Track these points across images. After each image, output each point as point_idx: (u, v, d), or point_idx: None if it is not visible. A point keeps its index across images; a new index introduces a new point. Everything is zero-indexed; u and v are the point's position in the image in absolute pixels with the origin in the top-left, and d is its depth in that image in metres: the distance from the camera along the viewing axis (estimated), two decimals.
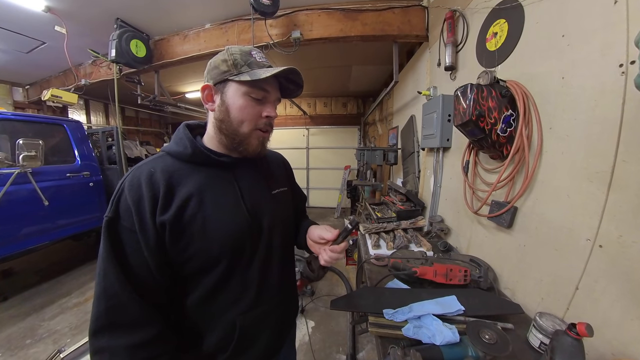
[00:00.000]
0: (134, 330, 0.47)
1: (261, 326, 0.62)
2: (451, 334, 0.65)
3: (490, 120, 0.91)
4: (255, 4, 1.76)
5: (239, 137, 0.55)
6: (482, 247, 1.15)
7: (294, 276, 0.76)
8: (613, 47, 0.63)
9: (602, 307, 0.64)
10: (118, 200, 0.49)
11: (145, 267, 0.48)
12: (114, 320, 0.46)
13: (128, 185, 0.50)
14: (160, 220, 0.49)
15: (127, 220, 0.48)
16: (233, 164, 0.59)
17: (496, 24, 1.08)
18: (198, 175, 0.55)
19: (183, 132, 0.58)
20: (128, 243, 0.48)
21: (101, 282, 0.46)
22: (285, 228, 0.68)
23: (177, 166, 0.54)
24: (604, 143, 0.64)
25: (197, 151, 0.55)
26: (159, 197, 0.49)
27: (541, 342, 0.66)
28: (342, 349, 1.70)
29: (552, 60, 0.80)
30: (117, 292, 0.46)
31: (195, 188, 0.53)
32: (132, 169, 0.53)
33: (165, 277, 0.51)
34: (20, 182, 2.12)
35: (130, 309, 0.46)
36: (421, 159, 2.01)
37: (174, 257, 0.51)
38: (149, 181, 0.50)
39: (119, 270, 0.46)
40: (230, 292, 0.56)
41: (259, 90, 0.54)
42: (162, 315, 0.51)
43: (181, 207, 0.50)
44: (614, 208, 0.62)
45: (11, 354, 1.69)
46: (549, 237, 0.80)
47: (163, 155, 0.57)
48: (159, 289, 0.51)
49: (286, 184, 0.73)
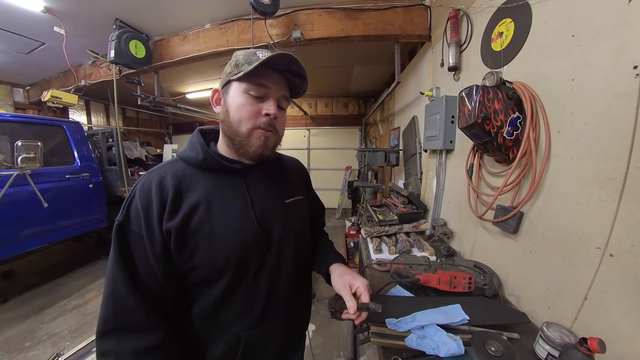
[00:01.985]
0: (141, 335, 0.46)
1: (267, 342, 0.59)
2: (456, 345, 0.63)
3: (496, 123, 0.88)
4: (255, 4, 1.74)
5: (239, 137, 0.53)
6: (486, 252, 1.13)
7: (309, 290, 0.72)
8: (627, 48, 0.60)
9: (613, 319, 0.62)
10: (129, 204, 0.49)
11: (151, 274, 0.47)
12: (121, 324, 0.45)
13: (139, 189, 0.49)
14: (166, 226, 0.48)
15: (136, 224, 0.48)
16: (245, 171, 0.57)
17: (502, 23, 1.05)
18: (208, 182, 0.53)
19: (196, 137, 0.57)
20: (136, 248, 0.47)
21: (110, 285, 0.46)
22: (299, 240, 0.65)
23: (188, 172, 0.53)
24: (616, 148, 0.62)
25: (209, 157, 0.54)
26: (167, 203, 0.48)
27: (548, 353, 0.63)
28: (343, 354, 1.68)
29: (561, 61, 0.78)
30: (125, 297, 0.45)
31: (204, 195, 0.51)
32: (146, 173, 0.53)
33: (171, 285, 0.50)
34: (19, 184, 2.11)
35: (138, 314, 0.46)
36: (423, 161, 1.99)
37: (179, 265, 0.49)
38: (159, 186, 0.49)
39: (126, 274, 0.46)
40: (235, 305, 0.54)
41: (258, 87, 0.52)
42: (168, 323, 0.50)
43: (188, 214, 0.49)
44: (626, 216, 0.60)
45: (10, 357, 1.68)
46: (556, 244, 0.78)
47: (176, 161, 0.56)
48: (165, 297, 0.49)
49: (302, 192, 0.70)
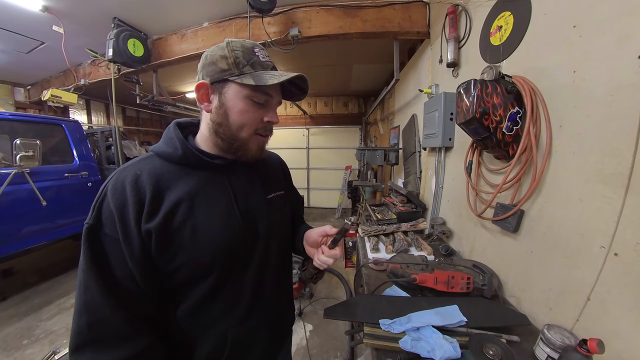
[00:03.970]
0: (120, 345, 0.44)
1: (254, 338, 0.58)
2: (452, 348, 0.61)
3: (495, 118, 0.85)
4: (252, 1, 1.73)
5: (238, 142, 0.51)
6: (485, 252, 1.10)
7: (291, 284, 0.72)
8: (631, 37, 0.57)
9: (613, 318, 0.60)
10: (100, 205, 0.45)
11: (130, 278, 0.45)
12: (97, 336, 0.43)
13: (111, 189, 0.46)
14: (145, 227, 0.45)
15: (110, 227, 0.44)
16: (227, 167, 0.55)
17: (501, 17, 1.03)
18: (189, 179, 0.51)
19: (173, 131, 0.53)
20: (111, 253, 0.44)
21: (82, 296, 0.43)
22: (282, 234, 0.65)
23: (165, 168, 0.50)
24: (621, 142, 0.59)
25: (189, 153, 0.51)
26: (145, 203, 0.45)
27: (548, 356, 0.61)
28: (341, 354, 1.66)
29: (562, 53, 0.75)
30: (100, 306, 0.42)
31: (185, 192, 0.49)
32: (116, 171, 0.49)
33: (152, 288, 0.47)
34: (18, 182, 2.11)
35: (115, 324, 0.43)
36: (422, 159, 1.96)
37: (161, 266, 0.47)
38: (135, 185, 0.46)
39: (101, 282, 0.43)
40: (221, 303, 0.53)
41: (262, 95, 0.50)
42: (149, 327, 0.48)
43: (169, 214, 0.46)
44: (631, 213, 0.57)
45: (7, 355, 1.68)
46: (558, 243, 0.75)
47: (151, 156, 0.52)
48: (146, 300, 0.47)
49: (283, 187, 0.69)
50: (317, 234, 0.62)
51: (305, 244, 0.67)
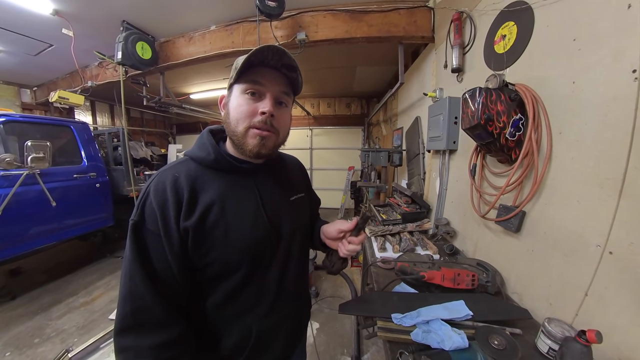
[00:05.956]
0: (158, 331, 0.48)
1: (276, 332, 0.63)
2: (460, 339, 0.65)
3: (499, 124, 0.90)
4: (261, 6, 1.77)
5: (237, 137, 0.54)
6: (489, 251, 1.15)
7: (308, 281, 0.77)
8: (626, 52, 0.62)
9: (611, 313, 0.64)
10: (144, 204, 0.50)
11: (168, 271, 0.49)
12: (139, 321, 0.47)
13: (153, 189, 0.51)
14: (183, 225, 0.49)
15: (152, 224, 0.49)
16: (253, 170, 0.60)
17: (505, 26, 1.07)
18: (220, 182, 0.55)
19: (207, 137, 0.58)
20: (153, 247, 0.49)
21: (127, 284, 0.47)
22: (303, 234, 0.69)
23: (200, 172, 0.55)
24: (616, 149, 0.64)
25: (220, 157, 0.55)
26: (183, 203, 0.50)
27: (550, 347, 0.66)
28: (347, 351, 1.70)
29: (563, 64, 0.80)
30: (143, 294, 0.47)
31: (217, 194, 0.53)
32: (157, 173, 0.54)
33: (187, 280, 0.52)
34: (28, 183, 2.15)
35: (155, 311, 0.47)
36: (427, 161, 2.01)
37: (195, 261, 0.51)
38: (174, 186, 0.51)
39: (144, 272, 0.47)
40: (247, 298, 0.57)
41: (253, 84, 0.53)
42: (183, 317, 0.52)
43: (204, 213, 0.51)
44: (625, 215, 0.62)
45: (20, 353, 1.72)
46: (558, 243, 0.80)
47: (186, 160, 0.57)
48: (181, 292, 0.52)
49: (303, 190, 0.73)
50: (335, 231, 0.66)
51: (325, 239, 0.70)
